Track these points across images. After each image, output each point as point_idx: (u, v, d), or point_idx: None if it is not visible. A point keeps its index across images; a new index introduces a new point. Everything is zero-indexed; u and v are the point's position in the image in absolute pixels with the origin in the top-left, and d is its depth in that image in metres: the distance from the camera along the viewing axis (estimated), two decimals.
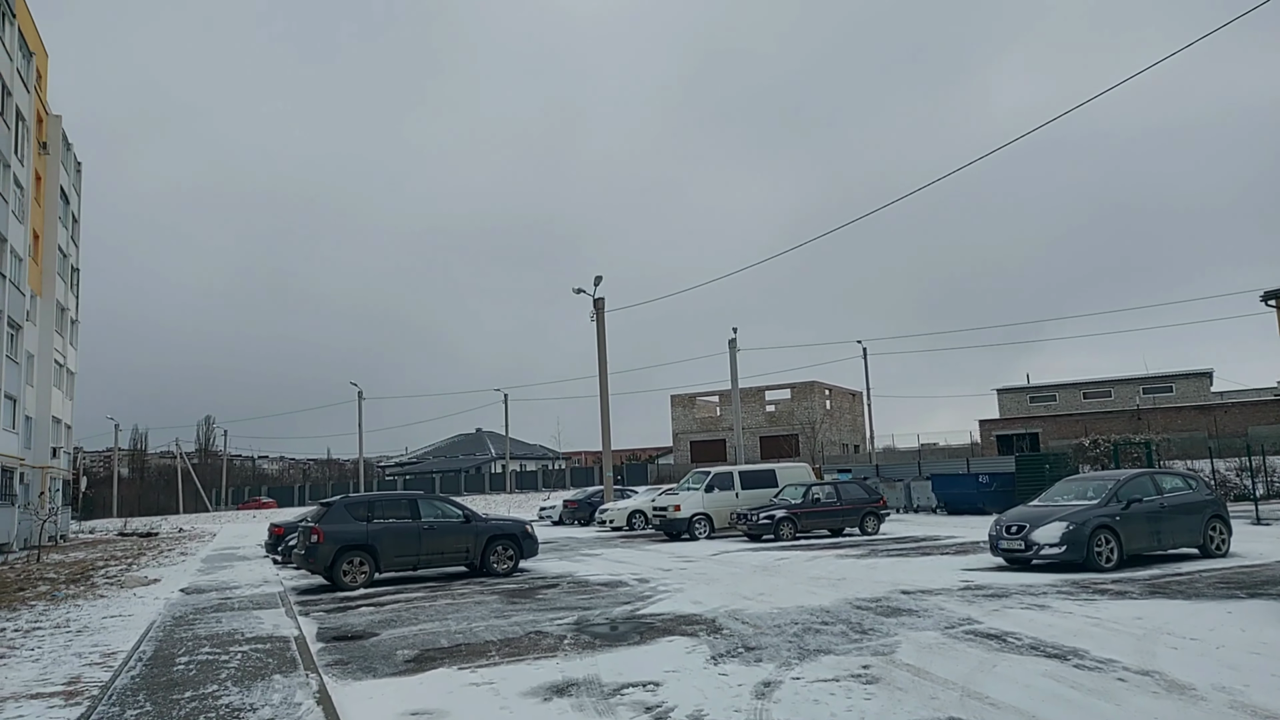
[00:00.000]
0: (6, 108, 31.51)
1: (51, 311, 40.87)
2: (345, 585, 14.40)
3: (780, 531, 20.53)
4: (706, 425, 66.92)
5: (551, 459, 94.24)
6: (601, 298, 30.77)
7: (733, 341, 47.46)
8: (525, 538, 16.09)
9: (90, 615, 11.80)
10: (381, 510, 15.23)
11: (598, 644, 8.80)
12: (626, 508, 27.58)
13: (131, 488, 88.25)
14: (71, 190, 46.15)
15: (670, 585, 13.32)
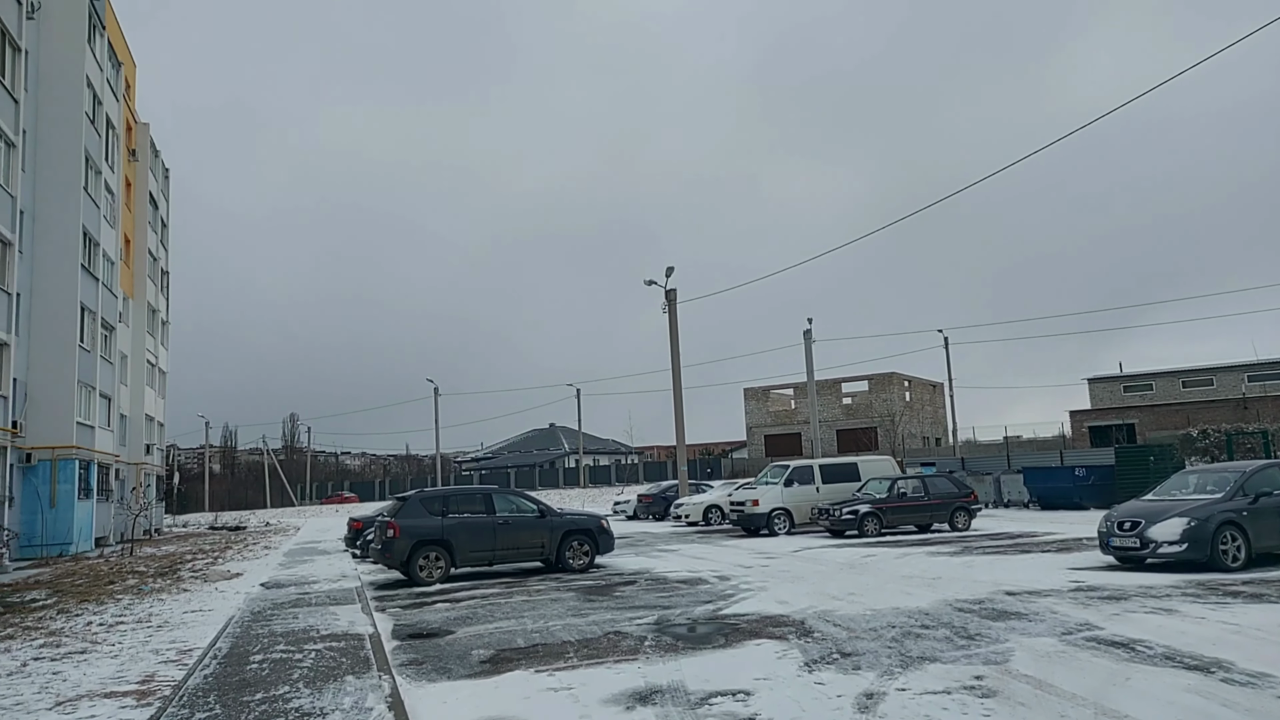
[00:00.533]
0: (97, 116, 32.66)
1: (143, 313, 42.41)
2: (421, 580, 14.24)
3: (865, 527, 19.69)
4: (781, 419, 65.80)
5: (624, 453, 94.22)
6: (673, 289, 30.27)
7: (808, 332, 46.41)
8: (601, 533, 15.70)
9: (172, 610, 11.85)
10: (457, 505, 15.03)
11: (681, 646, 8.30)
12: (702, 502, 27.01)
13: (222, 483, 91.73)
14: (160, 196, 47.83)
15: (752, 583, 12.73)
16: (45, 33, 29.70)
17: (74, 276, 29.46)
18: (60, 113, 29.69)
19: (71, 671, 7.78)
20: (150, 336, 43.67)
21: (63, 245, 29.31)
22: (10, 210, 23.89)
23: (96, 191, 32.28)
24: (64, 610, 12.31)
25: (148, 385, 43.00)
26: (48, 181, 29.24)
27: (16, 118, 24.45)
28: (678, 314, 30.25)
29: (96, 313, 32.06)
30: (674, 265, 29.57)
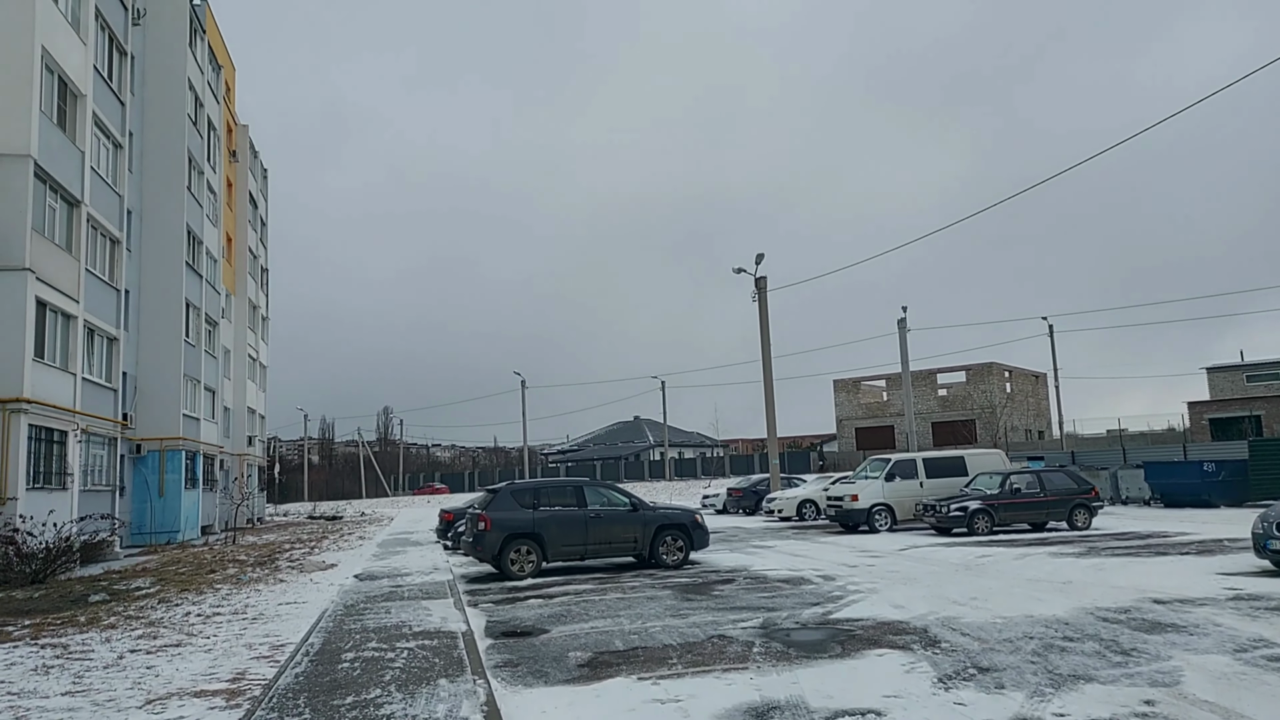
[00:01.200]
0: (199, 118, 33.72)
1: (244, 309, 43.85)
2: (513, 574, 13.90)
3: (975, 525, 18.50)
4: (872, 411, 63.88)
5: (709, 446, 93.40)
6: (763, 276, 29.35)
7: (902, 321, 44.74)
8: (695, 528, 15.07)
9: (267, 601, 11.78)
10: (547, 497, 14.63)
11: (793, 654, 7.60)
12: (796, 496, 26.09)
13: (320, 474, 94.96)
14: (259, 195, 49.42)
15: (861, 584, 11.90)
16: (150, 38, 30.77)
17: (179, 273, 30.47)
18: (164, 115, 30.73)
19: (165, 666, 7.61)
20: (251, 331, 45.14)
21: (168, 243, 30.35)
22: (118, 209, 24.71)
23: (199, 191, 33.35)
24: (165, 599, 12.41)
25: (249, 379, 44.48)
26: (153, 181, 30.31)
27: (123, 120, 25.28)
28: (768, 302, 29.34)
29: (200, 308, 33.15)
30: (763, 252, 28.70)
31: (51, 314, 19.94)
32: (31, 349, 18.50)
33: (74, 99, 21.46)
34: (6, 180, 18.26)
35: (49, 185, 19.79)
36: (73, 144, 21.20)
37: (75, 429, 20.83)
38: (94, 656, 8.18)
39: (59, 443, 20.18)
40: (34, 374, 18.64)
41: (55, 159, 19.92)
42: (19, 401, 17.89)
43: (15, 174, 18.37)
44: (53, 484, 19.61)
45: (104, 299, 23.51)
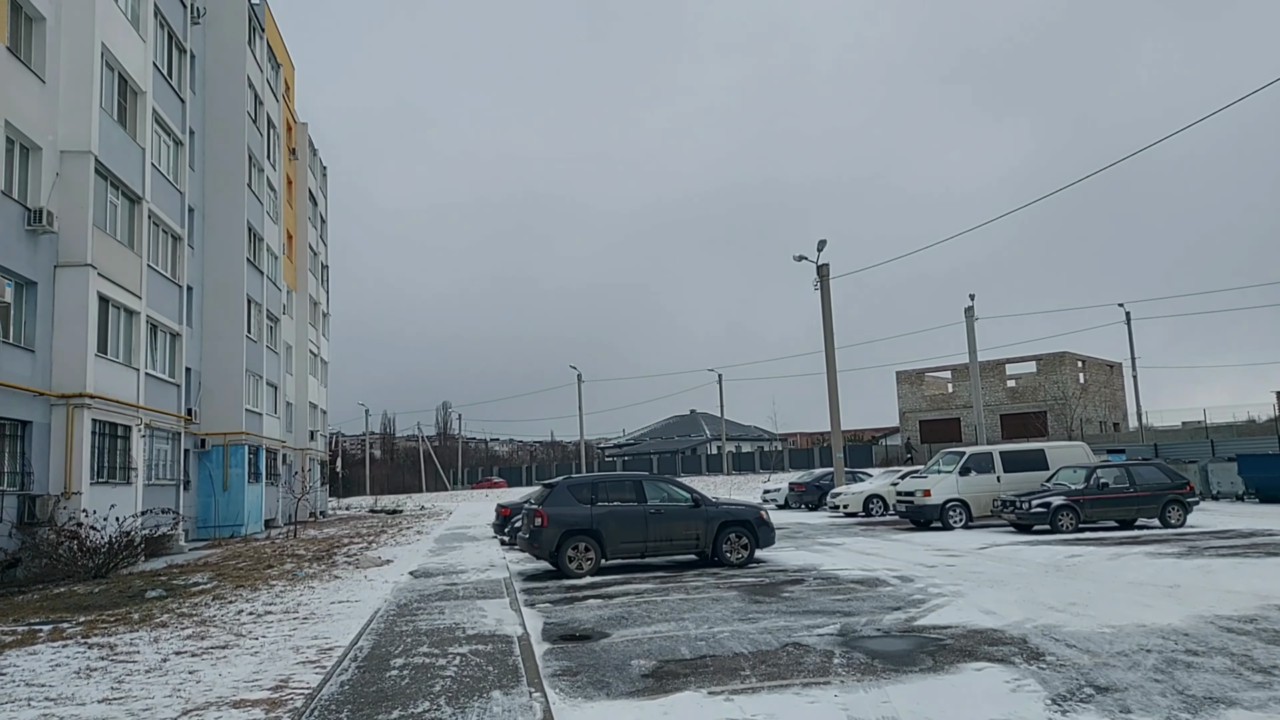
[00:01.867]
0: (258, 115, 34.04)
1: (305, 305, 44.36)
2: (571, 572, 13.38)
3: (1058, 522, 17.40)
4: (937, 403, 62.04)
5: (767, 440, 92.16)
6: (826, 264, 28.35)
7: (969, 310, 43.15)
8: (760, 525, 14.35)
9: (320, 599, 11.45)
10: (605, 492, 14.07)
11: (879, 667, 6.88)
12: (862, 491, 25.12)
13: (382, 468, 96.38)
14: (319, 193, 49.97)
15: (943, 586, 11.06)
16: (210, 36, 31.09)
17: (240, 269, 30.77)
18: (224, 113, 31.04)
19: (208, 671, 7.23)
20: (312, 327, 45.68)
21: (229, 240, 30.67)
22: (179, 206, 24.92)
23: (259, 188, 33.68)
24: (219, 596, 12.19)
25: (311, 374, 45.02)
26: (214, 179, 30.64)
27: (184, 117, 25.48)
28: (830, 290, 28.33)
29: (262, 304, 33.49)
30: (825, 239, 27.69)
31: (114, 310, 20.10)
32: (94, 344, 18.64)
33: (134, 96, 21.62)
34: (68, 177, 18.38)
35: (110, 181, 19.93)
36: (133, 140, 21.35)
37: (139, 424, 21.01)
38: (138, 659, 7.86)
39: (123, 437, 20.36)
40: (97, 369, 18.78)
41: (116, 155, 20.05)
42: (82, 396, 18.02)
43: (76, 170, 18.48)
44: (117, 478, 19.79)
45: (166, 295, 23.72)
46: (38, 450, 17.31)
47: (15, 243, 16.70)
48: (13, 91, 16.66)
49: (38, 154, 17.68)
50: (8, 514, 15.97)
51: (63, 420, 17.85)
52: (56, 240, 18.14)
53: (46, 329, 17.80)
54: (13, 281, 16.18)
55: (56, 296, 18.12)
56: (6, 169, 16.75)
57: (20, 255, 16.84)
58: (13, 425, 16.80)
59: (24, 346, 17.06)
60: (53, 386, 17.80)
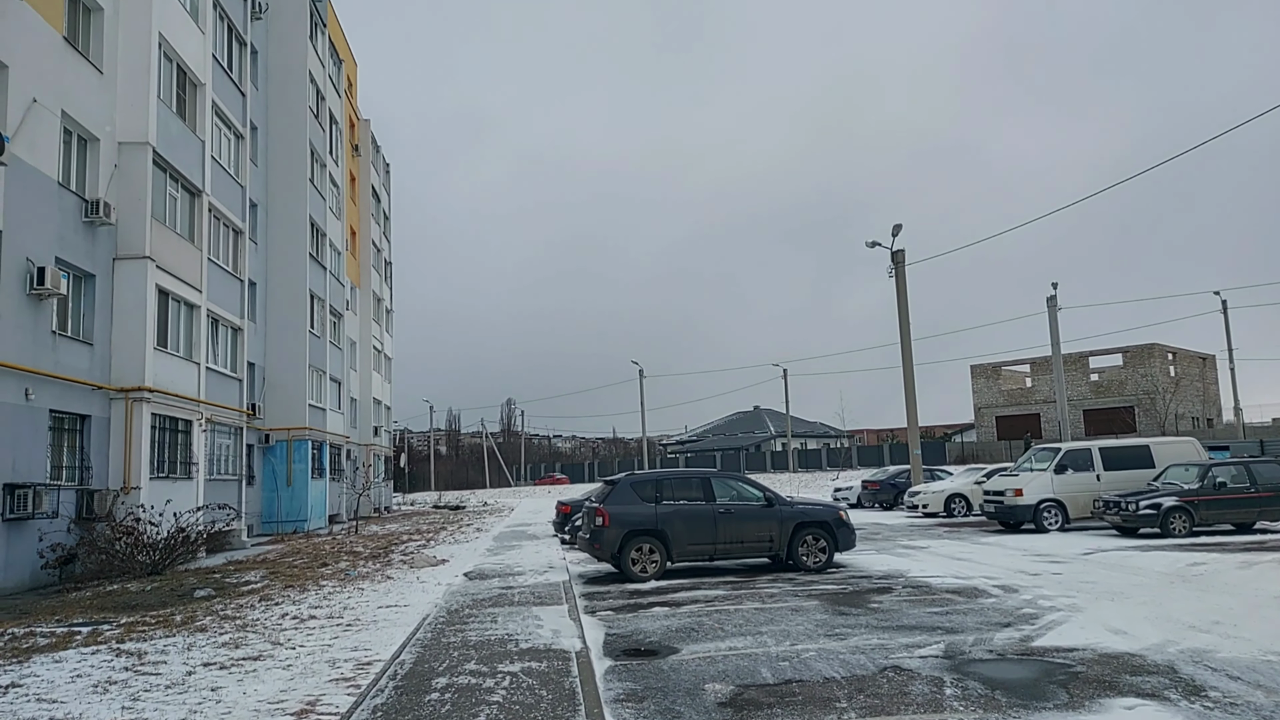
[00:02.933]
0: (320, 111, 33.99)
1: (369, 301, 44.47)
2: (634, 575, 12.45)
3: (1170, 525, 15.80)
4: (1014, 398, 59.41)
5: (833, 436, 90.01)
6: (901, 249, 26.84)
7: (1052, 299, 40.93)
8: (840, 526, 13.19)
9: (368, 602, 10.74)
10: (671, 490, 13.09)
11: (1003, 702, 5.75)
12: (943, 490, 23.62)
13: (447, 464, 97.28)
14: (382, 189, 50.13)
15: (1054, 598, 9.78)
16: (272, 31, 31.08)
17: (302, 265, 30.70)
18: (286, 108, 31.00)
19: (232, 689, 6.49)
20: (376, 324, 45.79)
21: (291, 235, 30.61)
22: (240, 199, 24.79)
23: (322, 183, 33.62)
24: (267, 597, 11.61)
25: (375, 370, 45.14)
26: (277, 174, 30.62)
27: (244, 110, 25.35)
28: (906, 277, 26.81)
29: (325, 300, 33.44)
30: (900, 223, 26.19)
31: (174, 303, 19.91)
32: (153, 338, 18.43)
33: (193, 88, 21.45)
34: (126, 168, 18.19)
35: (169, 174, 19.74)
36: (192, 133, 21.18)
37: (200, 418, 20.84)
38: (164, 670, 7.19)
39: (183, 432, 20.18)
40: (156, 363, 18.58)
41: (175, 147, 19.85)
42: (141, 390, 17.81)
43: (135, 162, 18.28)
44: (177, 473, 19.60)
45: (227, 289, 23.59)
46: (96, 445, 17.14)
47: (72, 234, 16.52)
48: (70, 82, 16.48)
49: (95, 145, 17.51)
50: (66, 509, 15.79)
51: (122, 414, 17.67)
52: (115, 232, 17.97)
53: (105, 322, 17.64)
54: (68, 273, 15.98)
55: (115, 289, 17.95)
56: (64, 160, 16.58)
57: (78, 247, 16.66)
58: (71, 419, 16.65)
59: (82, 340, 16.89)
60: (112, 380, 17.64)
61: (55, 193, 15.95)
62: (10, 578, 14.28)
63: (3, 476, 14.05)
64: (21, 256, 14.76)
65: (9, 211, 14.38)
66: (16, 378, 14.51)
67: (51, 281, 15.07)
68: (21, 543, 14.50)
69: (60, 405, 15.97)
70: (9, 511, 14.07)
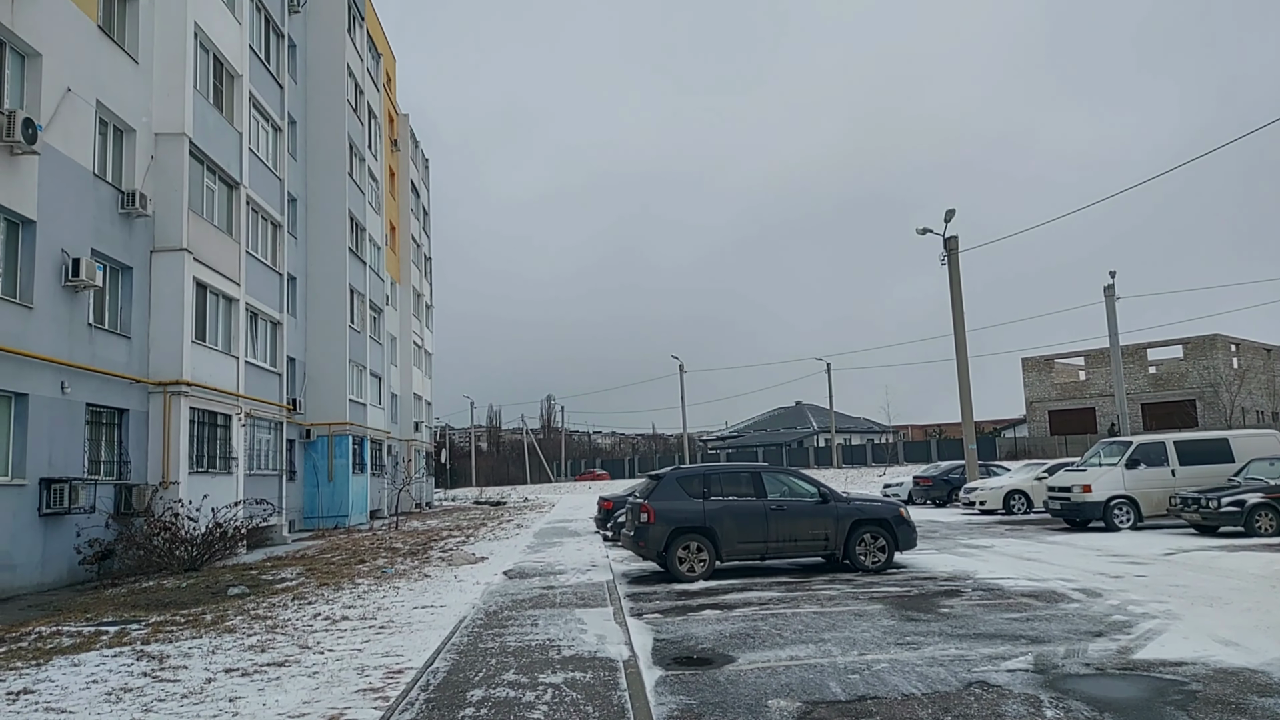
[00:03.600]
0: (359, 104, 33.82)
1: (409, 297, 44.36)
2: (681, 575, 11.79)
3: (1254, 523, 14.70)
4: (1068, 392, 57.55)
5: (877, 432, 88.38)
6: (954, 236, 25.76)
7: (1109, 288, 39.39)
8: (900, 524, 12.39)
9: (403, 603, 10.22)
10: (719, 485, 12.40)
11: None
12: (1001, 486, 22.56)
13: (488, 460, 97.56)
14: (421, 185, 50.03)
15: (1144, 604, 8.92)
16: (310, 25, 30.94)
17: (342, 259, 30.52)
18: (324, 101, 30.83)
19: (252, 699, 5.97)
20: (416, 319, 45.69)
21: (330, 229, 30.44)
22: (279, 193, 24.60)
23: (361, 178, 33.45)
24: (301, 596, 11.18)
25: (415, 366, 45.04)
26: (316, 168, 30.47)
27: (282, 103, 25.15)
28: (959, 265, 25.72)
29: (365, 295, 33.27)
30: (954, 208, 25.10)
31: (212, 296, 19.71)
32: (191, 331, 18.22)
33: (230, 79, 21.23)
34: (162, 160, 17.98)
35: (206, 166, 19.52)
36: (230, 125, 20.97)
37: (239, 412, 20.64)
38: (183, 677, 6.72)
39: (223, 426, 19.98)
40: (194, 356, 18.37)
41: (211, 139, 19.64)
42: (179, 384, 17.60)
43: (171, 152, 18.07)
44: (216, 468, 19.41)
45: (266, 282, 23.40)
46: (134, 439, 16.96)
47: (108, 226, 16.32)
48: (104, 71, 16.27)
49: (131, 136, 17.30)
50: (104, 504, 15.60)
51: (160, 408, 17.48)
52: (152, 225, 17.77)
53: (143, 315, 17.45)
54: (104, 265, 15.76)
55: (153, 282, 17.75)
56: (99, 151, 16.38)
57: (114, 239, 16.47)
58: (109, 413, 16.47)
59: (119, 333, 16.70)
60: (150, 374, 17.45)
61: (90, 184, 15.75)
62: (48, 573, 14.09)
63: (39, 471, 13.87)
64: (56, 248, 14.56)
65: (43, 202, 14.18)
66: (53, 371, 14.32)
67: (86, 273, 14.85)
68: (59, 538, 14.31)
69: (98, 399, 15.78)
70: (45, 506, 13.87)
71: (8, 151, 13.26)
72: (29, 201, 13.84)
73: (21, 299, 13.70)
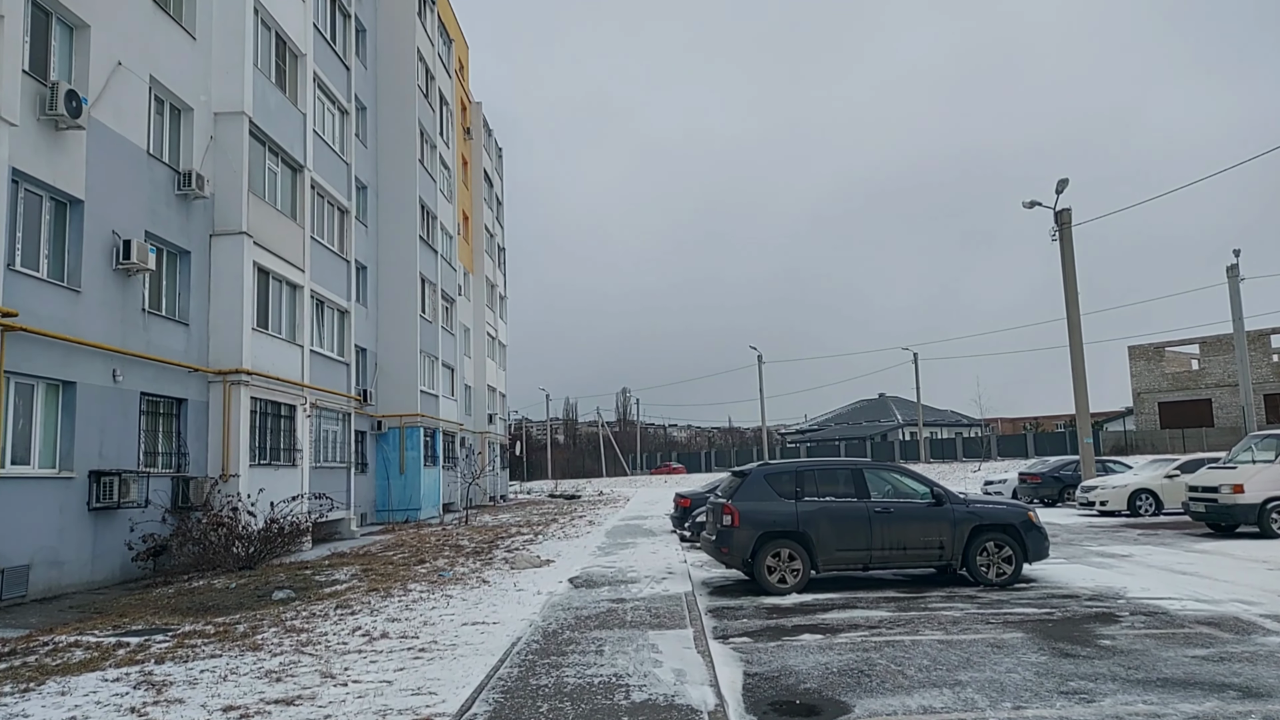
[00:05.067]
0: (430, 90, 33.10)
1: (482, 287, 43.73)
2: (771, 587, 10.27)
3: None
4: (1180, 382, 53.41)
5: (965, 425, 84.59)
6: (1067, 208, 23.30)
7: (1233, 268, 36.10)
8: (1029, 530, 10.58)
9: (453, 617, 8.98)
10: (814, 484, 10.80)
11: None
12: (1126, 485, 20.16)
13: (564, 452, 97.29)
14: (494, 174, 49.37)
15: None
16: (380, 7, 30.28)
17: (413, 247, 29.83)
18: (394, 87, 30.14)
19: None
20: (489, 310, 45.04)
21: (401, 217, 29.77)
22: (345, 177, 23.91)
23: (432, 165, 32.74)
24: (346, 603, 10.09)
25: (489, 357, 44.41)
26: (386, 155, 29.82)
27: (348, 85, 24.46)
28: (1073, 240, 23.25)
29: (436, 284, 32.58)
30: (1066, 177, 22.66)
31: (275, 283, 19.02)
32: (252, 318, 17.50)
33: (293, 58, 20.51)
34: (222, 140, 17.29)
35: (268, 147, 18.81)
36: (293, 105, 20.25)
37: (304, 403, 19.95)
38: (173, 713, 5.57)
39: (287, 417, 19.30)
40: (256, 345, 17.67)
41: (273, 119, 18.92)
42: (239, 373, 16.89)
43: (230, 132, 17.37)
44: (280, 460, 18.72)
45: (333, 270, 22.73)
46: (194, 430, 16.30)
47: (164, 208, 15.65)
48: (159, 47, 15.59)
49: (189, 115, 16.63)
50: (160, 498, 14.94)
51: (220, 398, 16.80)
52: (211, 207, 17.10)
53: (201, 301, 16.79)
54: (155, 247, 15.05)
55: (212, 267, 17.08)
56: (154, 130, 15.71)
57: (170, 222, 15.80)
58: (167, 403, 15.83)
59: (177, 319, 16.05)
60: (209, 363, 16.79)
61: (144, 163, 15.07)
62: (99, 571, 13.45)
63: (89, 463, 13.20)
64: (106, 229, 13.87)
65: (92, 181, 13.48)
66: (103, 358, 13.64)
67: (139, 256, 14.15)
68: (110, 533, 13.66)
69: (153, 388, 15.13)
70: (95, 500, 13.20)
71: (52, 126, 12.57)
72: (76, 180, 13.15)
73: (69, 282, 13.03)
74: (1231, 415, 49.42)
